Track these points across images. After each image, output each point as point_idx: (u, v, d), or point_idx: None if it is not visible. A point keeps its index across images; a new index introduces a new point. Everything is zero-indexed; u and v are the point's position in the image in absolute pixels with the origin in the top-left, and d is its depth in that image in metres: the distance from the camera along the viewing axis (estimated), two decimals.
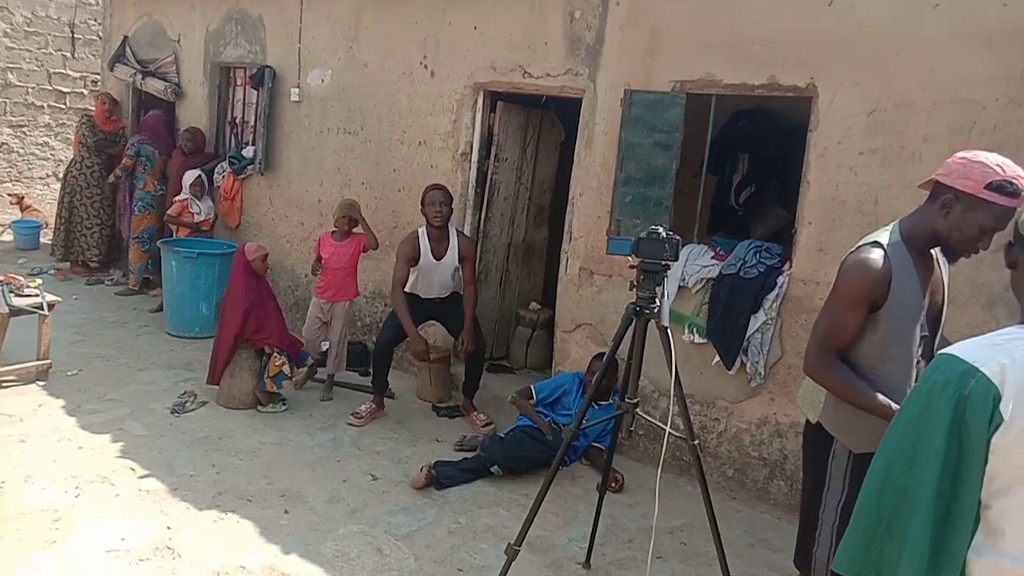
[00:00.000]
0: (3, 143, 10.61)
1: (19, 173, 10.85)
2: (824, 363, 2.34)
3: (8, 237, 9.31)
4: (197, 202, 6.90)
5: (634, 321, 2.83)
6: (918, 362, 2.37)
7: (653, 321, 2.80)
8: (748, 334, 4.09)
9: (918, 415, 1.46)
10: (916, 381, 2.35)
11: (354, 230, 5.33)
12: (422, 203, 4.89)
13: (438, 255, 4.90)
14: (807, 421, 2.54)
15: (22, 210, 9.43)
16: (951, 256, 2.42)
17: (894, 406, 2.22)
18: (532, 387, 4.71)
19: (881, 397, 2.25)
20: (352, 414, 4.90)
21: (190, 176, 6.86)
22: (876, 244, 2.31)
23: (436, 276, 4.93)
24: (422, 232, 4.92)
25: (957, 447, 1.38)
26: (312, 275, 5.53)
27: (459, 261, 4.95)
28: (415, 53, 5.66)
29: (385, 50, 5.85)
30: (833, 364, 2.33)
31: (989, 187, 2.11)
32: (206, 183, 6.96)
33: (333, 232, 5.36)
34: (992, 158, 2.15)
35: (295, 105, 6.51)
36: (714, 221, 5.71)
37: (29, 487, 3.72)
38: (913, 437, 1.46)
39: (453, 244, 4.94)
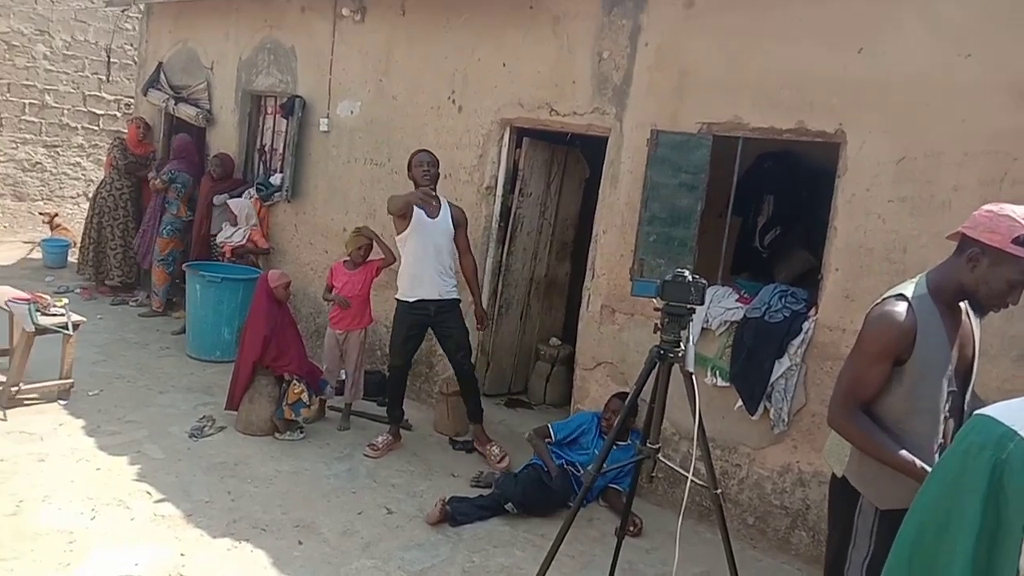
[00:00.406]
0: (37, 162, 10.84)
1: (51, 192, 11.06)
2: (847, 416, 2.30)
3: (37, 255, 9.44)
4: (231, 227, 6.91)
5: (658, 365, 2.81)
6: (946, 418, 2.32)
7: (677, 365, 2.77)
8: (772, 379, 4.04)
9: (952, 477, 1.43)
10: (944, 437, 2.31)
11: (368, 258, 5.36)
12: (409, 167, 4.90)
13: (431, 214, 4.80)
14: (833, 475, 2.49)
15: (52, 229, 9.58)
16: (980, 310, 2.38)
17: (918, 463, 2.18)
18: (551, 426, 4.67)
19: (905, 453, 2.20)
20: (368, 445, 4.88)
21: (235, 204, 6.90)
22: (902, 297, 2.28)
23: (432, 239, 4.77)
24: (412, 193, 4.88)
25: (994, 513, 1.34)
26: (325, 300, 5.51)
27: (452, 226, 4.87)
28: (444, 87, 5.72)
29: (414, 84, 5.93)
30: (857, 417, 2.29)
31: (1016, 241, 2.10)
32: (234, 208, 6.97)
33: (345, 261, 5.39)
34: (1020, 211, 2.14)
35: (324, 135, 6.59)
36: (738, 262, 5.69)
37: (46, 507, 3.73)
38: (947, 500, 1.42)
39: (444, 207, 4.88)
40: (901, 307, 2.25)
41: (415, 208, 4.75)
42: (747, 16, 4.25)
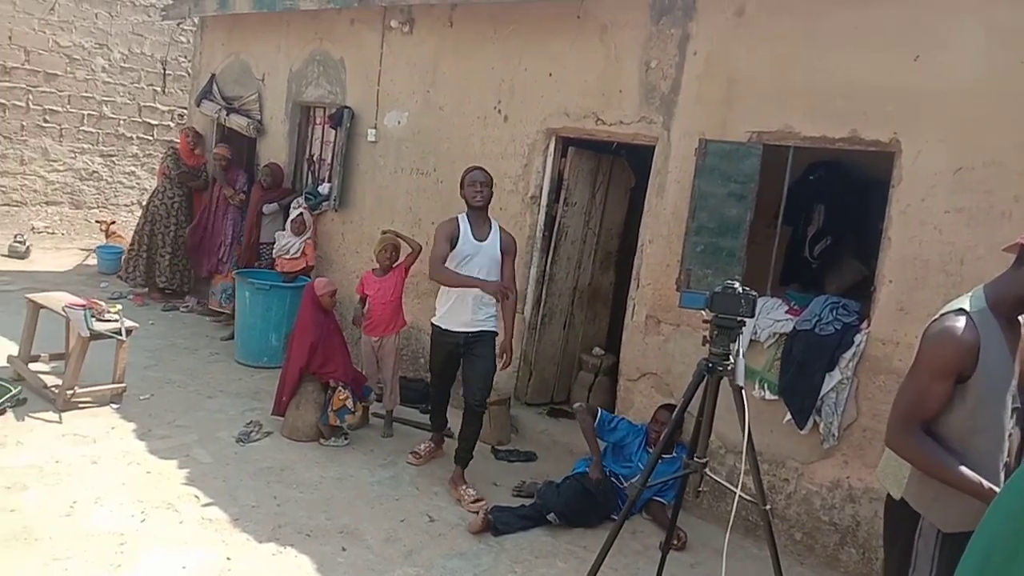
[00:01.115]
0: (94, 171, 11.18)
1: (106, 200, 11.39)
2: (908, 436, 2.23)
3: (93, 261, 9.71)
4: (289, 237, 6.93)
5: (706, 378, 2.76)
6: (1010, 435, 2.26)
7: (726, 379, 2.72)
8: (822, 393, 3.95)
9: (1021, 501, 1.37)
10: (1009, 455, 2.23)
11: (396, 262, 5.38)
12: (461, 185, 4.57)
13: (479, 236, 4.49)
14: (888, 496, 2.41)
15: (107, 236, 9.84)
16: None
17: (986, 483, 2.10)
18: (600, 410, 4.61)
19: (971, 472, 2.12)
20: (411, 452, 4.89)
21: (308, 215, 6.98)
22: (961, 311, 2.23)
23: (478, 263, 4.42)
24: (461, 216, 4.55)
25: None
26: (356, 324, 5.45)
27: (500, 253, 4.54)
28: (490, 97, 5.75)
29: (461, 94, 5.97)
30: (918, 437, 2.22)
31: None
32: (306, 220, 6.98)
33: (374, 269, 5.43)
34: None
35: (371, 145, 6.67)
36: (787, 273, 5.59)
37: (98, 509, 3.81)
38: (1016, 523, 1.37)
39: (495, 230, 4.57)
40: (962, 322, 2.19)
41: (460, 227, 4.48)
42: (798, 23, 4.18)
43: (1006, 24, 3.53)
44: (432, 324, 4.65)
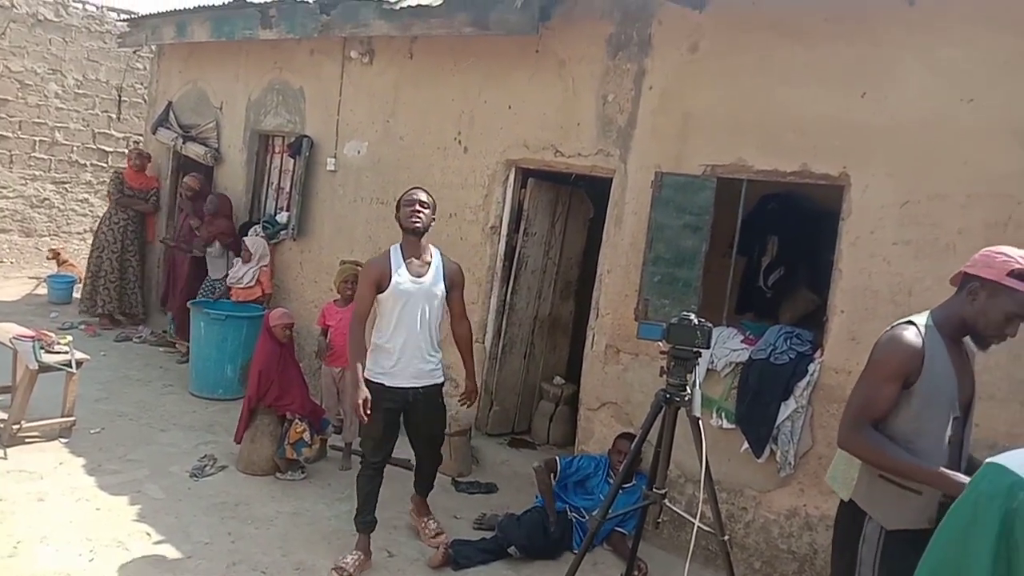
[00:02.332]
0: (45, 198, 10.93)
1: (58, 227, 11.14)
2: (859, 433, 2.39)
3: (43, 291, 9.47)
4: (242, 266, 6.86)
5: (664, 408, 2.79)
6: (950, 442, 2.41)
7: (683, 409, 2.75)
8: (778, 422, 4.00)
9: (963, 526, 1.42)
10: (949, 461, 2.38)
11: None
12: (397, 207, 3.92)
13: (416, 273, 3.81)
14: (840, 502, 2.55)
15: (58, 264, 9.62)
16: (981, 342, 2.49)
17: (933, 468, 2.26)
18: (559, 460, 4.60)
19: (916, 459, 2.29)
20: (334, 568, 3.77)
21: (250, 242, 6.83)
22: (910, 323, 2.44)
23: (417, 305, 3.79)
24: (393, 249, 3.88)
25: (1005, 562, 1.34)
26: (319, 357, 5.38)
27: (445, 288, 3.92)
28: (450, 128, 5.78)
29: (421, 125, 5.99)
30: (868, 433, 2.38)
31: (1011, 275, 2.29)
32: (251, 247, 6.86)
33: (336, 300, 5.39)
34: (1015, 252, 2.34)
35: (331, 174, 6.65)
36: (742, 302, 5.68)
37: (44, 548, 3.69)
38: (957, 548, 1.41)
39: (437, 264, 3.89)
40: (911, 331, 2.41)
41: (392, 263, 3.79)
42: (750, 60, 4.30)
43: (949, 62, 3.67)
44: (369, 381, 3.80)
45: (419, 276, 3.81)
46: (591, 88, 4.98)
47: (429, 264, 3.87)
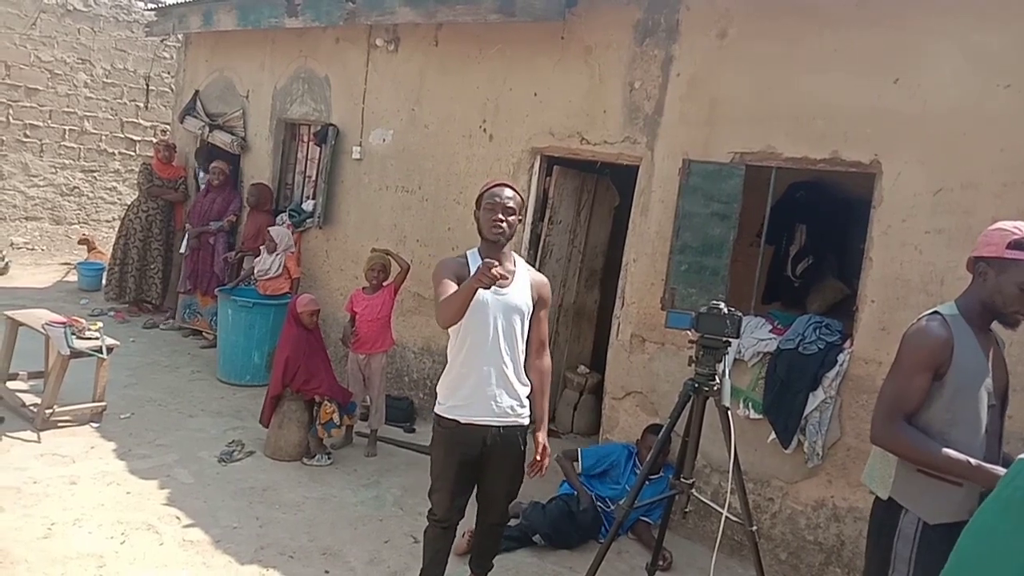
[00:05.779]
0: (75, 187, 11.09)
1: (87, 216, 11.30)
2: (893, 428, 2.37)
3: (73, 277, 9.61)
4: (267, 256, 6.83)
5: (692, 398, 2.77)
6: (987, 432, 2.39)
7: (712, 399, 2.73)
8: (806, 412, 3.97)
9: (992, 524, 1.40)
10: (988, 451, 2.36)
11: (385, 280, 5.36)
12: (477, 205, 3.16)
13: (498, 284, 2.86)
14: (875, 500, 2.52)
15: (89, 251, 9.76)
16: (1007, 321, 2.47)
17: (973, 460, 2.24)
18: (580, 451, 4.61)
19: (955, 453, 2.27)
20: None
21: (275, 232, 6.79)
22: (935, 314, 2.45)
23: (497, 321, 3.03)
24: (471, 253, 3.15)
25: None
26: (344, 343, 5.40)
27: (532, 305, 3.14)
28: (475, 116, 5.77)
29: (446, 113, 5.98)
30: (902, 427, 2.36)
31: (1010, 246, 2.32)
32: (275, 236, 6.82)
33: (364, 287, 5.42)
34: (1010, 224, 2.36)
35: (356, 162, 6.67)
36: (769, 292, 5.63)
37: (77, 531, 3.75)
38: (988, 545, 1.39)
39: (523, 273, 3.16)
40: (936, 322, 2.40)
41: (471, 269, 2.99)
42: (780, 46, 4.24)
43: (984, 47, 3.59)
44: (439, 417, 3.16)
45: (500, 287, 3.03)
46: (618, 75, 4.94)
47: (513, 273, 3.13)
